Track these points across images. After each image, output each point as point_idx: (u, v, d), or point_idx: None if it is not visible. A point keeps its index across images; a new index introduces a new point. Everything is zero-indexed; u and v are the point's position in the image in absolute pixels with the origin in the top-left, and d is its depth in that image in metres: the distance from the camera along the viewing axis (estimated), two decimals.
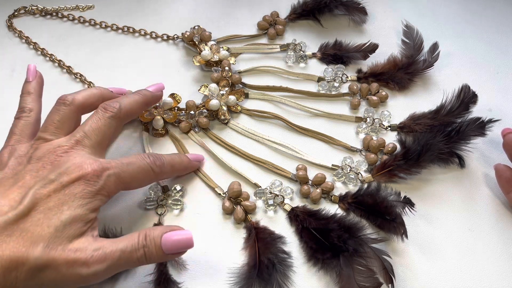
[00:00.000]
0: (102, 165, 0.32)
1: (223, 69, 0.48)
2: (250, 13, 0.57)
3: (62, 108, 0.35)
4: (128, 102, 0.37)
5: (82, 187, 0.31)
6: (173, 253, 0.32)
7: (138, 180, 0.34)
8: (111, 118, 0.35)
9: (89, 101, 0.37)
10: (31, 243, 0.28)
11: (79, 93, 0.37)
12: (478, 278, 0.37)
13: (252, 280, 0.35)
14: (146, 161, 0.35)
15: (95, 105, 0.37)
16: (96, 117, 0.35)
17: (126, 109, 0.36)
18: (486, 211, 0.41)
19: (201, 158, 0.42)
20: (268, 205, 0.40)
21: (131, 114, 0.37)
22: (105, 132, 0.34)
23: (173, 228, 0.32)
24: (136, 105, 0.38)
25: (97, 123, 0.34)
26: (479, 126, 0.43)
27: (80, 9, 0.57)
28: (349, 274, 0.35)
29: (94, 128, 0.34)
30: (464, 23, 0.57)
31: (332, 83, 0.49)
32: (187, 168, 0.41)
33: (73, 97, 0.36)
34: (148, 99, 0.39)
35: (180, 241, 0.31)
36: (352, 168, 0.42)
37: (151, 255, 0.31)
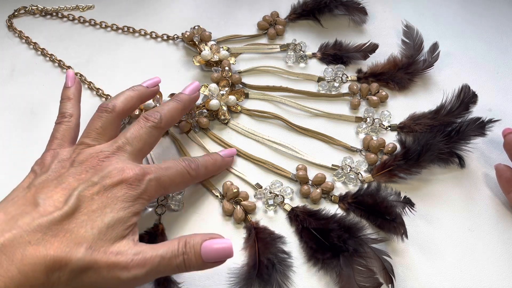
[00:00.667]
0: (143, 170, 0.33)
1: (223, 69, 0.48)
2: (250, 13, 0.57)
3: (104, 115, 0.36)
4: (168, 111, 0.37)
5: (125, 191, 0.31)
6: (212, 261, 0.31)
7: (176, 183, 0.35)
8: (152, 128, 0.36)
9: (129, 105, 0.37)
10: (75, 244, 0.28)
11: (118, 98, 0.37)
12: (478, 278, 0.37)
13: (252, 280, 0.35)
14: (182, 165, 0.36)
15: (134, 108, 0.38)
16: (138, 126, 0.35)
17: (166, 118, 0.37)
18: (486, 211, 0.41)
19: (234, 153, 0.42)
20: (268, 205, 0.40)
21: (172, 122, 0.38)
22: (146, 140, 0.35)
23: (213, 236, 0.32)
24: (176, 112, 0.38)
25: (139, 131, 0.35)
26: (479, 126, 0.43)
27: (80, 9, 0.57)
28: (349, 274, 0.35)
29: (136, 135, 0.35)
30: (464, 23, 0.57)
31: (332, 83, 0.49)
32: (221, 167, 0.41)
33: (113, 104, 0.36)
34: (186, 104, 0.40)
35: (220, 250, 0.31)
36: (352, 168, 0.42)
37: (190, 263, 0.31)
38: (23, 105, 0.47)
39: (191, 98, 0.40)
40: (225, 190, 0.41)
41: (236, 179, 0.42)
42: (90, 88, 0.49)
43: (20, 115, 0.46)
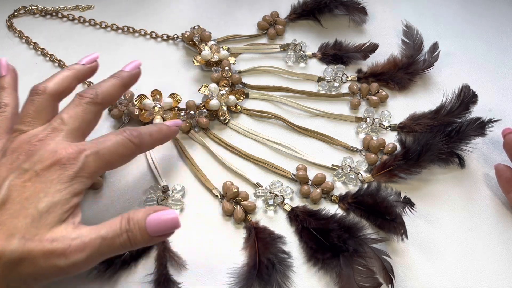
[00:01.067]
0: (78, 147, 0.31)
1: (223, 69, 0.48)
2: (250, 13, 0.57)
3: (35, 98, 0.34)
4: (105, 87, 0.36)
5: (59, 172, 0.30)
6: (159, 235, 0.30)
7: (119, 155, 0.33)
8: (89, 104, 0.34)
9: (63, 85, 0.35)
10: (7, 236, 0.27)
11: (51, 79, 0.35)
12: (478, 278, 0.37)
13: (252, 280, 0.35)
14: (123, 135, 0.33)
15: (71, 88, 0.36)
16: (73, 104, 0.34)
17: (103, 94, 0.35)
18: (486, 211, 0.41)
19: (179, 123, 0.40)
20: (268, 205, 0.40)
21: (110, 98, 0.36)
22: (83, 117, 0.33)
23: (157, 208, 0.31)
24: (114, 88, 0.36)
25: (74, 109, 0.33)
26: (479, 126, 0.43)
27: (80, 9, 0.57)
28: (349, 274, 0.35)
29: (71, 114, 0.33)
30: (464, 23, 0.57)
31: (332, 83, 0.49)
32: (167, 135, 0.38)
33: (45, 86, 0.34)
34: (125, 80, 0.38)
35: (166, 221, 0.30)
36: (352, 168, 0.42)
37: (135, 239, 0.30)
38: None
39: (131, 75, 0.38)
40: (225, 190, 0.41)
41: (236, 179, 0.42)
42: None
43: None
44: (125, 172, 0.42)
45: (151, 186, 0.41)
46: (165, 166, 0.43)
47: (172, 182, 0.42)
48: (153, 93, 0.45)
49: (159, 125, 0.38)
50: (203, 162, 0.43)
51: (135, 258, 0.36)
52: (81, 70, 0.37)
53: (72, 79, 0.36)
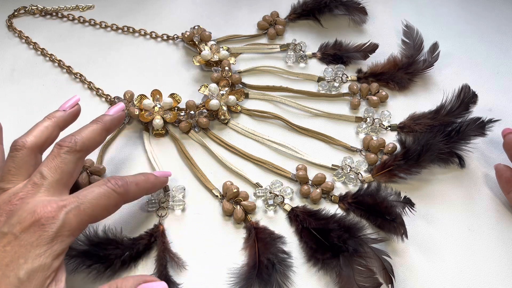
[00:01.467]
0: (57, 204, 0.30)
1: (223, 69, 0.48)
2: (250, 13, 0.57)
3: (15, 154, 0.33)
4: (84, 133, 0.35)
5: (38, 234, 0.28)
6: None
7: (102, 207, 0.31)
8: (68, 153, 0.33)
9: (43, 137, 0.34)
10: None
11: (31, 132, 0.34)
12: (478, 278, 0.37)
13: (252, 280, 0.35)
14: (107, 185, 0.32)
15: (53, 138, 0.35)
16: (52, 155, 0.33)
17: (82, 141, 0.34)
18: (486, 211, 0.41)
19: (168, 174, 0.39)
20: (268, 205, 0.40)
21: (90, 144, 0.35)
22: (62, 169, 0.32)
23: (147, 279, 0.30)
24: (94, 133, 0.35)
25: (53, 161, 0.32)
26: (479, 126, 0.43)
27: (80, 9, 0.57)
28: (349, 274, 0.35)
29: (51, 167, 0.32)
30: (464, 23, 0.57)
31: (332, 83, 0.49)
32: (154, 185, 0.37)
33: (23, 141, 0.34)
34: (107, 124, 0.37)
35: None
36: (352, 168, 0.42)
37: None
38: (23, 105, 0.47)
39: (113, 118, 0.37)
40: (225, 190, 0.41)
41: (236, 179, 0.42)
42: (90, 88, 0.49)
43: (20, 115, 0.46)
44: (125, 172, 0.42)
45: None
46: (165, 166, 0.43)
47: (172, 182, 0.42)
48: (153, 93, 0.45)
49: (147, 174, 0.37)
50: (203, 162, 0.43)
51: (135, 259, 0.36)
52: (62, 117, 0.36)
53: (53, 129, 0.35)
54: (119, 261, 0.35)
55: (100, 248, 0.35)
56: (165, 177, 0.39)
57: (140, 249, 0.37)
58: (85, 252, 0.35)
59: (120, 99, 0.45)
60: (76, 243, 0.35)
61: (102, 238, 0.36)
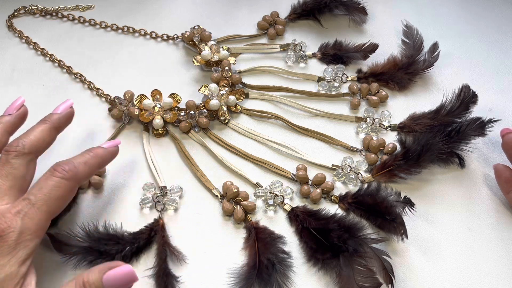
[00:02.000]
0: (10, 212, 0.29)
1: (223, 69, 0.48)
2: (250, 13, 0.57)
3: None
4: (32, 135, 0.34)
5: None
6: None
7: (56, 199, 0.31)
8: (17, 158, 0.32)
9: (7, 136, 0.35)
10: None
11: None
12: (478, 278, 0.37)
13: (252, 281, 0.35)
14: (54, 176, 0.31)
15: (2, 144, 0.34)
16: (0, 163, 0.32)
17: (30, 143, 0.33)
18: (486, 211, 0.41)
19: (117, 143, 0.37)
20: (268, 205, 0.40)
21: (39, 145, 0.34)
22: (14, 174, 0.32)
23: (111, 265, 0.29)
24: (43, 134, 0.35)
25: (2, 168, 0.32)
26: (479, 126, 0.43)
27: (80, 9, 0.57)
28: (349, 274, 0.35)
29: (1, 174, 0.32)
30: (464, 23, 0.57)
31: (332, 83, 0.49)
32: (104, 158, 0.36)
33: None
34: (55, 123, 0.36)
35: (123, 276, 0.29)
36: (352, 168, 0.42)
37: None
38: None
39: (61, 116, 0.36)
40: (225, 190, 0.41)
41: (236, 179, 0.42)
42: (90, 88, 0.49)
43: None
44: (125, 172, 0.42)
45: (144, 187, 0.41)
46: (165, 166, 0.43)
47: (172, 182, 0.41)
48: (153, 93, 0.45)
49: (94, 149, 0.36)
50: (203, 162, 0.43)
51: (136, 254, 0.37)
52: (9, 122, 0.36)
53: (1, 135, 0.35)
54: (120, 256, 0.36)
55: (101, 243, 0.36)
56: (114, 146, 0.37)
57: (141, 243, 0.37)
58: (86, 248, 0.35)
59: (120, 99, 0.45)
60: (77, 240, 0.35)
61: (102, 234, 0.36)
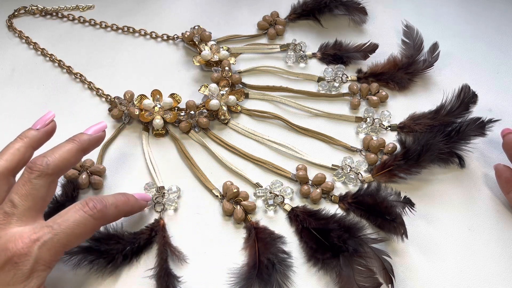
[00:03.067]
0: (29, 238, 0.29)
1: (223, 69, 0.48)
2: (250, 13, 0.57)
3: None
4: (58, 154, 0.32)
5: (13, 272, 0.28)
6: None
7: (77, 235, 0.30)
8: (39, 178, 0.31)
9: (15, 160, 0.33)
10: None
11: (1, 156, 0.33)
12: (478, 278, 0.37)
13: (252, 280, 0.35)
14: (84, 211, 0.31)
15: (26, 160, 0.34)
16: (22, 181, 0.31)
17: (55, 163, 0.32)
18: (486, 211, 0.41)
19: (148, 198, 0.39)
20: (268, 205, 0.40)
21: (64, 166, 0.33)
22: (34, 195, 0.31)
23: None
24: (69, 155, 0.33)
25: (23, 187, 0.31)
26: (479, 126, 0.43)
27: (80, 9, 0.57)
28: (349, 274, 0.35)
29: (21, 193, 0.30)
30: (464, 23, 0.57)
31: (332, 83, 0.49)
32: (133, 208, 0.36)
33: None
34: (84, 145, 0.34)
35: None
36: (352, 168, 0.42)
37: None
38: (23, 105, 0.47)
39: (92, 139, 0.35)
40: (225, 190, 0.41)
41: (236, 179, 0.42)
42: (90, 88, 0.49)
43: (20, 115, 0.46)
44: (125, 172, 0.42)
45: (145, 186, 0.41)
46: (165, 166, 0.43)
47: (172, 182, 0.41)
48: (153, 93, 0.45)
49: (127, 195, 0.35)
50: (203, 162, 0.43)
51: (136, 253, 0.37)
52: (36, 137, 0.35)
53: (26, 150, 0.34)
54: (121, 256, 0.36)
55: (102, 243, 0.36)
56: (145, 200, 0.38)
57: (141, 243, 0.37)
58: (86, 248, 0.35)
59: (120, 99, 0.45)
60: None
61: (103, 233, 0.36)
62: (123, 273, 0.36)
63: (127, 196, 0.35)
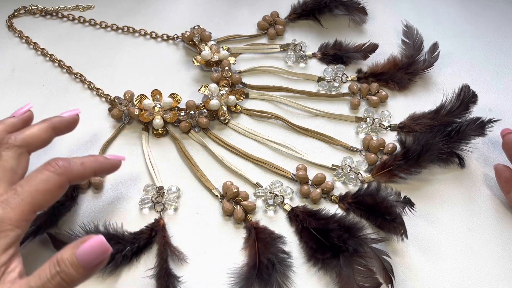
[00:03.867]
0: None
1: (223, 69, 0.48)
2: (250, 13, 0.57)
3: None
4: (28, 131, 0.34)
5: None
6: (93, 265, 0.28)
7: (42, 193, 0.31)
8: (7, 150, 0.33)
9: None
10: None
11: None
12: (478, 278, 0.37)
13: (252, 280, 0.35)
14: (45, 169, 0.31)
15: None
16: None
17: (23, 137, 0.34)
18: (486, 211, 0.41)
19: (121, 158, 0.38)
20: (268, 205, 0.40)
21: (33, 142, 0.34)
22: (4, 166, 0.32)
23: (83, 239, 0.29)
24: (39, 131, 0.35)
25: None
26: (479, 126, 0.43)
27: (80, 9, 0.57)
28: (349, 274, 0.35)
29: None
30: (464, 23, 0.57)
31: (332, 83, 0.49)
32: (103, 165, 0.36)
33: None
34: (55, 125, 0.36)
35: (96, 248, 0.28)
36: (352, 168, 0.42)
37: (71, 277, 0.28)
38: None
39: (63, 119, 0.37)
40: (225, 190, 0.41)
41: (236, 179, 0.42)
42: (90, 88, 0.49)
43: None
44: (125, 172, 0.42)
45: (144, 188, 0.41)
46: (165, 166, 0.43)
47: (172, 182, 0.41)
48: (153, 93, 0.45)
49: (96, 155, 0.36)
50: (203, 162, 0.43)
51: (136, 253, 0.37)
52: (12, 122, 0.36)
53: (1, 132, 0.35)
54: (121, 256, 0.36)
55: None
56: (117, 160, 0.37)
57: (141, 243, 0.37)
58: None
59: (120, 99, 0.45)
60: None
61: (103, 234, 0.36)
62: (123, 273, 0.36)
63: (96, 156, 0.35)
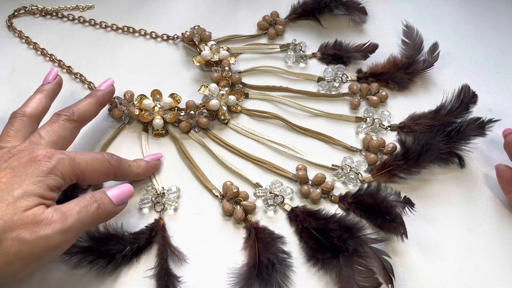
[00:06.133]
0: (55, 150, 0.33)
1: (223, 69, 0.48)
2: (250, 13, 0.57)
3: (14, 120, 0.37)
4: (81, 105, 0.39)
5: (34, 167, 0.31)
6: (121, 203, 0.34)
7: (94, 168, 0.35)
8: (65, 121, 0.37)
9: (39, 108, 0.39)
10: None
11: (27, 104, 0.39)
12: (478, 278, 0.37)
13: (252, 280, 0.35)
14: (103, 155, 0.36)
15: (47, 108, 0.40)
16: (50, 121, 0.37)
17: (79, 111, 0.38)
18: (486, 211, 0.41)
19: (159, 156, 0.43)
20: (268, 205, 0.40)
21: (86, 115, 0.39)
22: (59, 133, 0.36)
23: (111, 187, 0.34)
24: (90, 106, 0.40)
25: (51, 125, 0.36)
26: (479, 126, 0.43)
27: (80, 9, 0.57)
28: (349, 274, 0.35)
29: (48, 130, 0.36)
30: (464, 23, 0.57)
31: (332, 83, 0.49)
32: (145, 170, 0.41)
33: (23, 110, 0.38)
34: (100, 98, 0.41)
35: (124, 189, 0.35)
36: (352, 168, 0.42)
37: (105, 207, 0.33)
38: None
39: (105, 93, 0.42)
40: (225, 190, 0.41)
41: (236, 179, 0.42)
42: (90, 88, 0.49)
43: None
44: None
45: (145, 188, 0.41)
46: (165, 166, 0.43)
47: (172, 182, 0.42)
48: (153, 93, 0.45)
49: (138, 161, 0.41)
50: (203, 162, 0.43)
51: (136, 253, 0.37)
52: (51, 88, 0.41)
53: (46, 100, 0.40)
54: (121, 256, 0.36)
55: (101, 243, 0.36)
56: (156, 159, 0.42)
57: (141, 243, 0.37)
58: (86, 248, 0.35)
59: (120, 99, 0.45)
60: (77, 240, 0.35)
61: (103, 234, 0.36)
62: (123, 273, 0.36)
63: (137, 161, 0.41)
